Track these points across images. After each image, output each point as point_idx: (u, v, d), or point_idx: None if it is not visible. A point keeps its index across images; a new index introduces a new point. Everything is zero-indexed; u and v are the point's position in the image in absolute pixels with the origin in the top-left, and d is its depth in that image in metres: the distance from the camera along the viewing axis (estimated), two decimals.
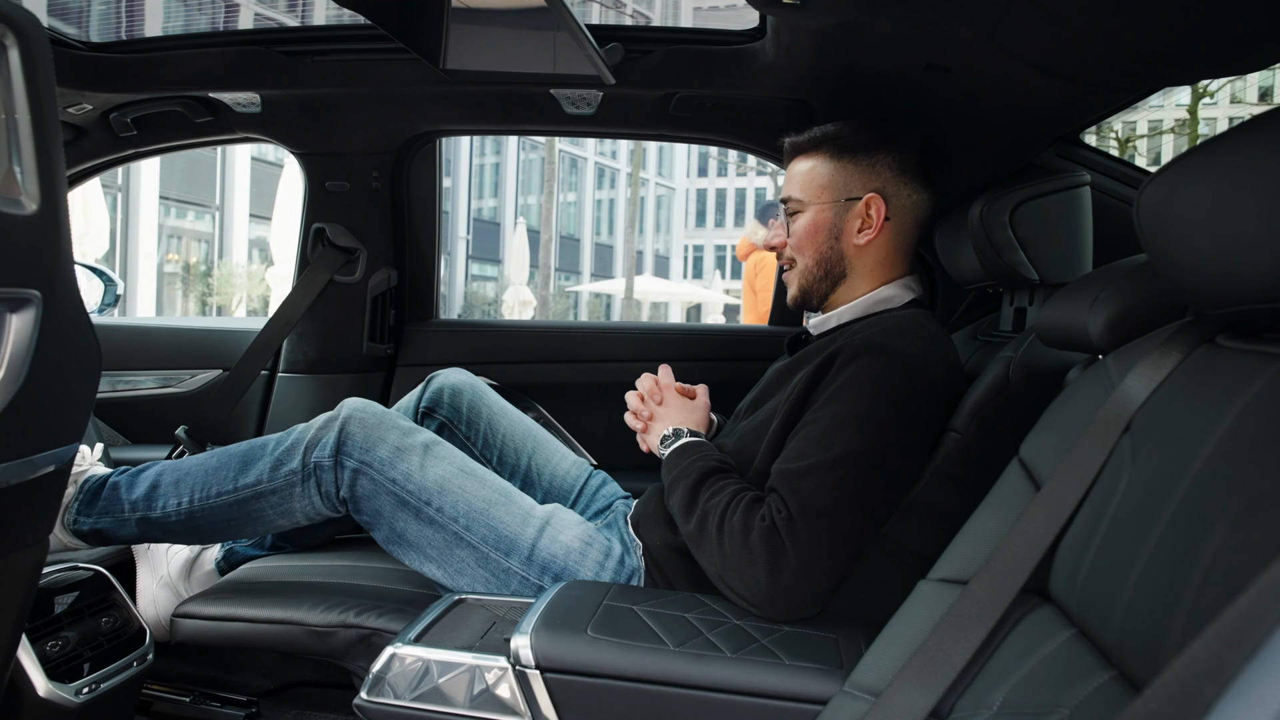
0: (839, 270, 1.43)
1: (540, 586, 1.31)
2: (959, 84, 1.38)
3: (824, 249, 1.42)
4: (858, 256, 1.42)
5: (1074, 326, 1.00)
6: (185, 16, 2.31)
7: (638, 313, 20.07)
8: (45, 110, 0.79)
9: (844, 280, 1.43)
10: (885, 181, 1.40)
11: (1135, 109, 1.63)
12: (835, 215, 1.41)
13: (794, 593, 1.14)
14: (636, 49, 1.61)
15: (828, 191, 1.41)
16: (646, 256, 30.01)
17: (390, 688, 1.08)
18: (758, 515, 1.17)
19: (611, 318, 23.70)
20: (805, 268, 1.43)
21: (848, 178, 1.41)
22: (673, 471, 1.31)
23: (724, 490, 1.23)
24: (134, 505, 1.41)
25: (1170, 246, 0.76)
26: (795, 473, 1.18)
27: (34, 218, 0.78)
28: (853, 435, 1.18)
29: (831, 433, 1.19)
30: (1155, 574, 0.66)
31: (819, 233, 1.42)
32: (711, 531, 1.20)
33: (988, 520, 0.95)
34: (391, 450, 1.35)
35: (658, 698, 1.02)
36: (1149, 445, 0.76)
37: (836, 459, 1.17)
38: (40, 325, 0.81)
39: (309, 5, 5.79)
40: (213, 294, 16.07)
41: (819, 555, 1.14)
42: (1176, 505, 0.67)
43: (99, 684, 1.22)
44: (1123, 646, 0.68)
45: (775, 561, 1.13)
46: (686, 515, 1.25)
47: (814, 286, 1.44)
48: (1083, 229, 1.38)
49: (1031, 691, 0.75)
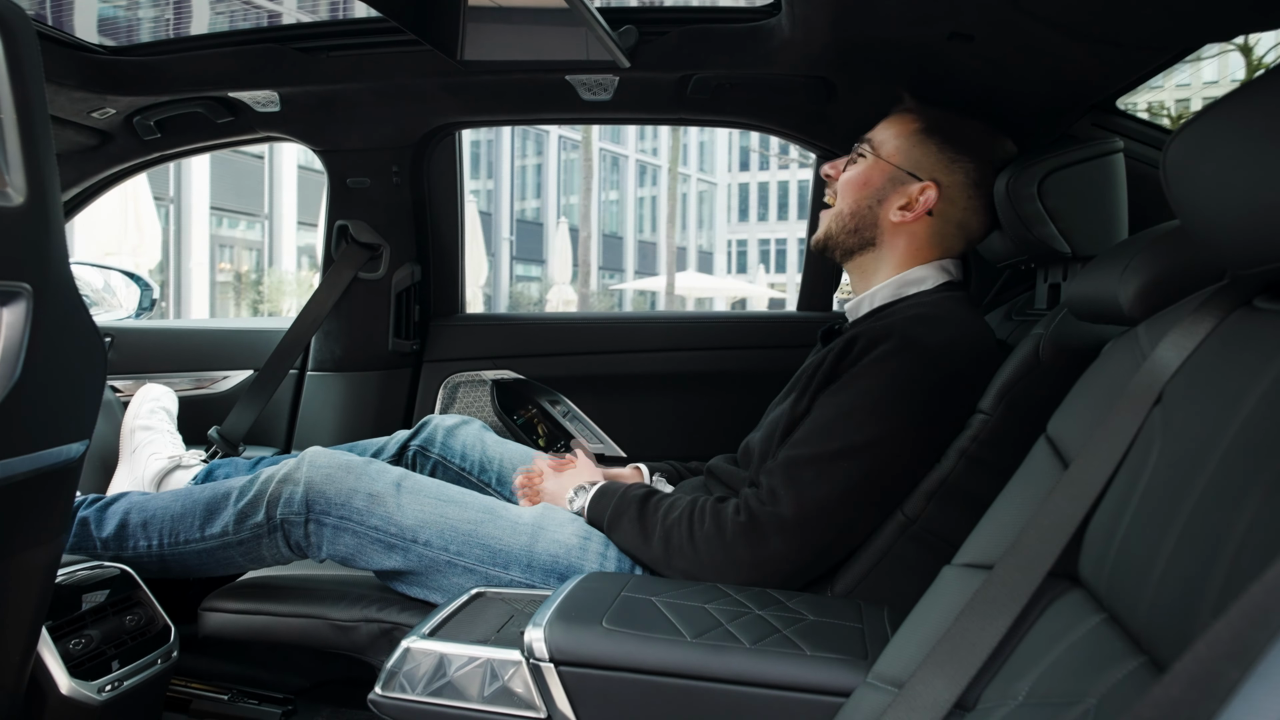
0: (869, 235, 1.39)
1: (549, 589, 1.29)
2: (984, 52, 1.33)
3: (861, 205, 1.39)
4: (890, 232, 1.38)
5: (1105, 297, 0.95)
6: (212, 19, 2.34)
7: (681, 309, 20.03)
8: (32, 102, 0.79)
9: (871, 249, 1.40)
10: (952, 182, 1.37)
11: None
12: (887, 181, 1.37)
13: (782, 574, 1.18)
14: (651, 30, 1.58)
15: (897, 156, 1.38)
16: (690, 252, 29.92)
17: (405, 682, 1.06)
18: (729, 511, 1.20)
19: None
20: (839, 212, 1.41)
21: (921, 156, 1.37)
22: (605, 511, 1.31)
23: (676, 505, 1.25)
24: (105, 544, 1.42)
25: (1200, 203, 0.71)
26: (796, 461, 1.17)
27: (21, 210, 0.77)
28: (858, 427, 1.16)
29: (839, 423, 1.17)
30: (1184, 553, 0.61)
31: (865, 187, 1.39)
32: (681, 544, 1.22)
33: (1014, 502, 0.91)
34: (366, 498, 1.32)
35: (675, 690, 0.99)
36: (1180, 416, 0.71)
37: (839, 451, 1.15)
38: (33, 319, 0.80)
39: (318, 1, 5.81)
40: (264, 301, 16.37)
41: (810, 546, 1.16)
42: (1207, 479, 0.62)
43: (122, 681, 1.23)
44: (1152, 631, 0.63)
45: (755, 551, 1.18)
46: (645, 541, 1.25)
47: (839, 237, 1.41)
48: (1116, 198, 1.31)
49: (1058, 680, 0.71)
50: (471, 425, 1.71)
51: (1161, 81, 8.77)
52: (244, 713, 1.60)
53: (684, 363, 2.09)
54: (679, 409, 2.08)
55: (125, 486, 1.71)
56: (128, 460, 1.76)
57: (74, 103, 1.74)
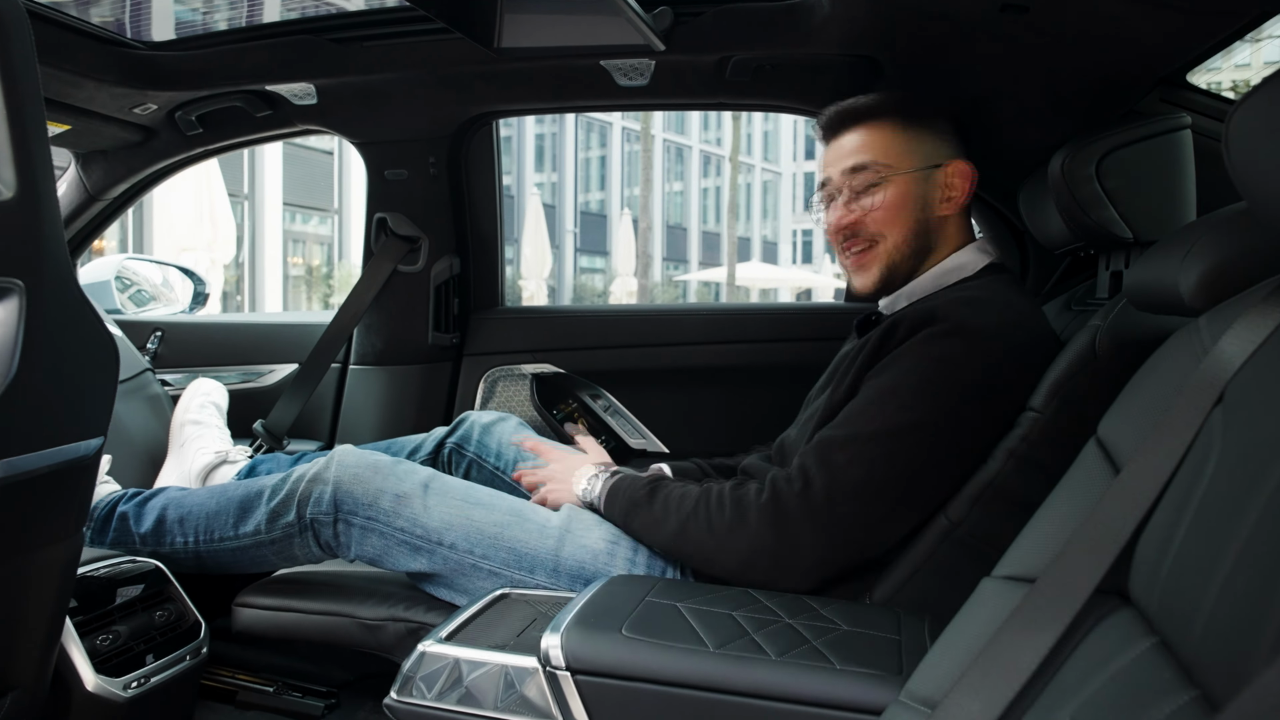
0: (928, 244, 1.32)
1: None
2: (1040, 23, 1.24)
3: (913, 223, 1.31)
4: (940, 228, 1.32)
5: (1165, 286, 0.87)
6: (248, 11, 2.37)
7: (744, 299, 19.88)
8: (22, 94, 0.77)
9: (930, 254, 1.33)
10: (955, 147, 1.32)
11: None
12: (921, 185, 1.30)
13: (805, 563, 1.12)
14: (686, 11, 1.53)
15: (912, 158, 1.30)
16: (754, 243, 29.64)
17: (421, 687, 1.04)
18: (750, 494, 1.14)
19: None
20: (895, 245, 1.31)
21: (927, 144, 1.31)
22: (620, 501, 1.27)
23: (689, 490, 1.20)
24: (143, 539, 1.44)
25: (1264, 182, 0.63)
26: (831, 442, 1.11)
27: (10, 204, 0.76)
28: (900, 408, 1.09)
29: (877, 404, 1.10)
30: (1242, 575, 0.54)
31: (908, 204, 1.30)
32: (700, 525, 1.17)
33: (1060, 509, 0.84)
34: (393, 499, 1.32)
35: (695, 703, 0.94)
36: (1241, 419, 0.64)
37: (877, 432, 1.09)
38: (26, 315, 0.79)
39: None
40: (334, 294, 16.73)
41: (840, 534, 1.10)
42: (1270, 491, 0.55)
43: (148, 678, 1.22)
44: (1204, 662, 0.56)
45: (782, 532, 1.11)
46: (659, 525, 1.21)
47: (902, 265, 1.32)
48: (1183, 178, 1.21)
49: (1102, 711, 0.64)
50: (508, 422, 1.69)
51: (1249, 59, 8.32)
52: (288, 705, 1.61)
53: (727, 356, 2.03)
54: (722, 403, 2.03)
55: (172, 480, 1.74)
56: (176, 454, 1.79)
57: (115, 99, 1.76)
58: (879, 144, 1.31)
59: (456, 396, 2.08)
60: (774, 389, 1.97)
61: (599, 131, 25.17)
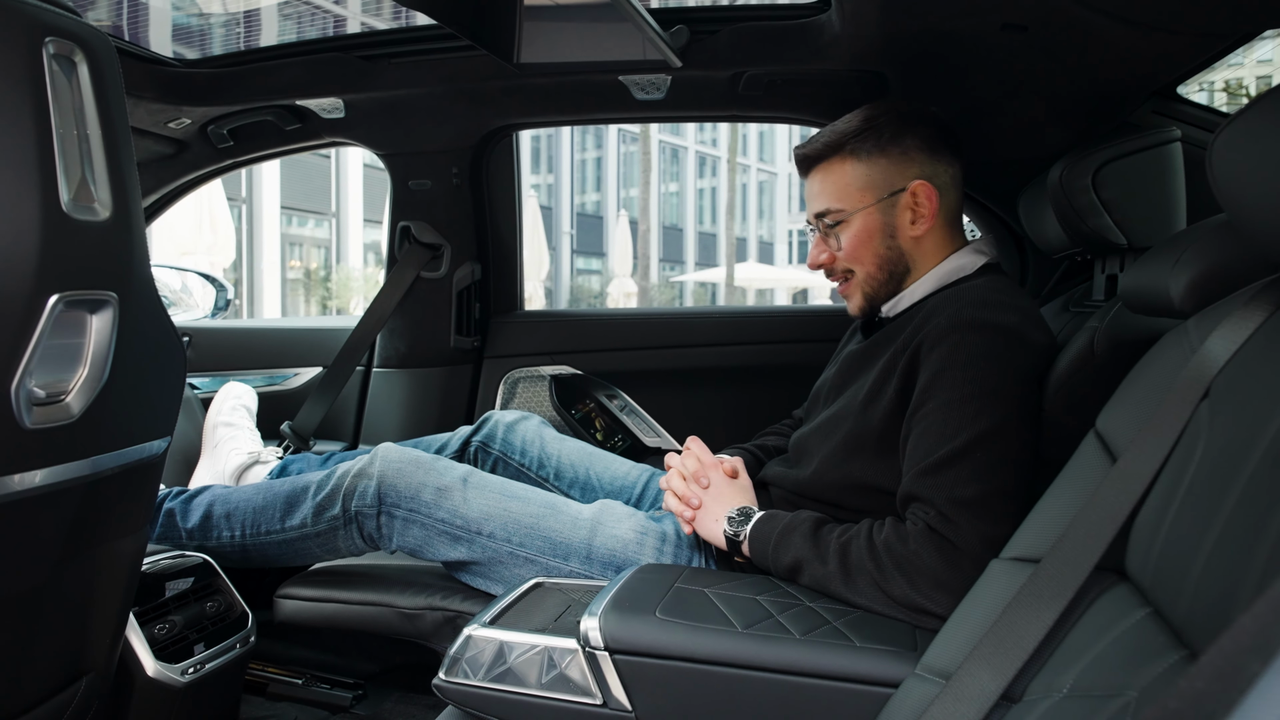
0: (902, 267, 1.34)
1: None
2: (1039, 42, 1.31)
3: (882, 251, 1.32)
4: (916, 248, 1.33)
5: (1157, 290, 0.94)
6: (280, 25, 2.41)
7: (741, 300, 19.93)
8: (115, 122, 0.84)
9: (909, 274, 1.34)
10: (921, 165, 1.31)
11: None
12: (884, 214, 1.31)
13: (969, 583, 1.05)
14: (702, 29, 1.60)
15: (868, 193, 1.31)
16: (751, 243, 29.69)
17: (466, 668, 1.11)
18: (907, 525, 1.11)
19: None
20: (867, 275, 1.34)
21: (884, 173, 1.30)
22: (772, 535, 1.22)
23: (849, 527, 1.17)
24: (190, 534, 1.51)
25: (1245, 198, 0.71)
26: (929, 470, 1.11)
27: (107, 224, 0.83)
28: (975, 416, 1.10)
29: (953, 421, 1.11)
30: (1224, 549, 0.62)
31: (872, 237, 1.32)
32: (861, 557, 1.12)
33: (1062, 495, 0.91)
34: (434, 492, 1.39)
35: (726, 679, 1.02)
36: (1225, 411, 0.71)
37: (968, 444, 1.10)
38: (119, 325, 0.86)
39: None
40: (332, 298, 16.76)
41: (984, 541, 1.06)
42: (1249, 475, 0.62)
43: (204, 664, 1.30)
44: (1192, 626, 0.64)
45: (948, 558, 1.07)
46: (820, 559, 1.16)
47: (880, 290, 1.35)
48: (1173, 188, 1.29)
49: (1101, 673, 0.71)
50: (530, 420, 1.76)
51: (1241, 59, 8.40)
52: (317, 696, 1.68)
53: (739, 357, 2.10)
54: (734, 403, 2.10)
55: (206, 480, 1.80)
56: (210, 455, 1.85)
57: (151, 114, 1.83)
58: (835, 187, 1.33)
59: (478, 398, 2.15)
60: (783, 387, 2.04)
61: (595, 134, 25.19)
